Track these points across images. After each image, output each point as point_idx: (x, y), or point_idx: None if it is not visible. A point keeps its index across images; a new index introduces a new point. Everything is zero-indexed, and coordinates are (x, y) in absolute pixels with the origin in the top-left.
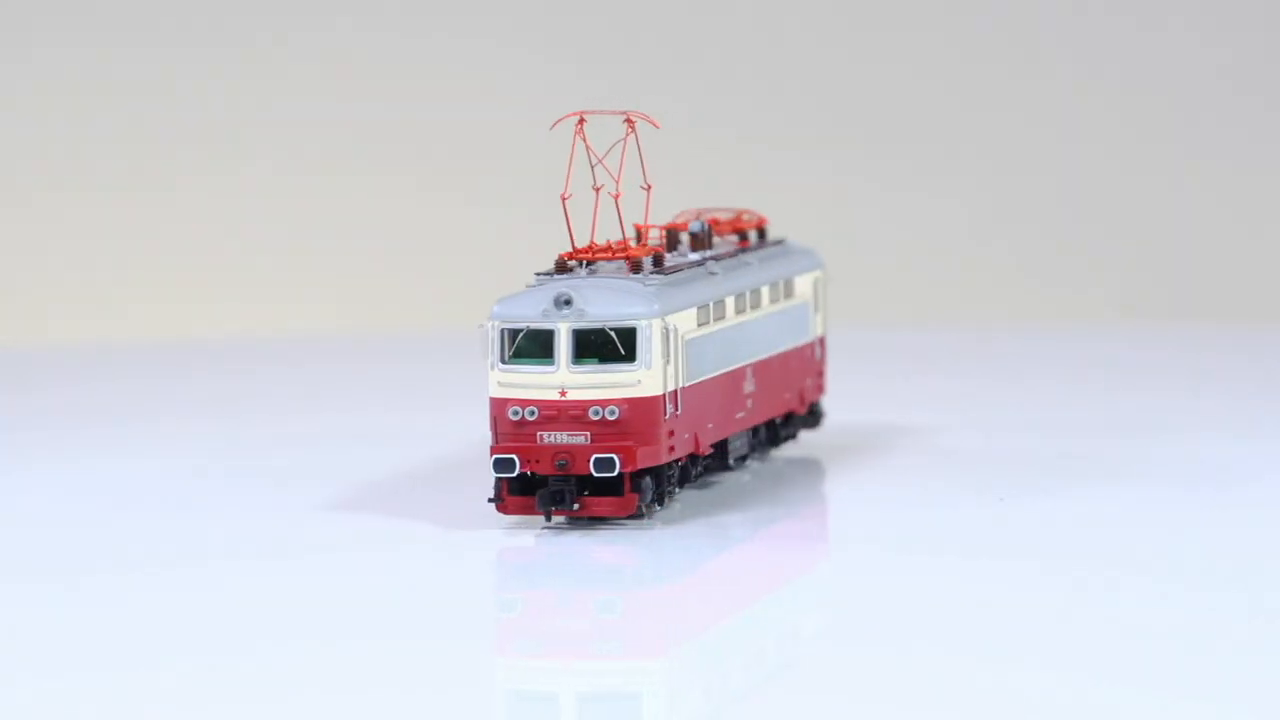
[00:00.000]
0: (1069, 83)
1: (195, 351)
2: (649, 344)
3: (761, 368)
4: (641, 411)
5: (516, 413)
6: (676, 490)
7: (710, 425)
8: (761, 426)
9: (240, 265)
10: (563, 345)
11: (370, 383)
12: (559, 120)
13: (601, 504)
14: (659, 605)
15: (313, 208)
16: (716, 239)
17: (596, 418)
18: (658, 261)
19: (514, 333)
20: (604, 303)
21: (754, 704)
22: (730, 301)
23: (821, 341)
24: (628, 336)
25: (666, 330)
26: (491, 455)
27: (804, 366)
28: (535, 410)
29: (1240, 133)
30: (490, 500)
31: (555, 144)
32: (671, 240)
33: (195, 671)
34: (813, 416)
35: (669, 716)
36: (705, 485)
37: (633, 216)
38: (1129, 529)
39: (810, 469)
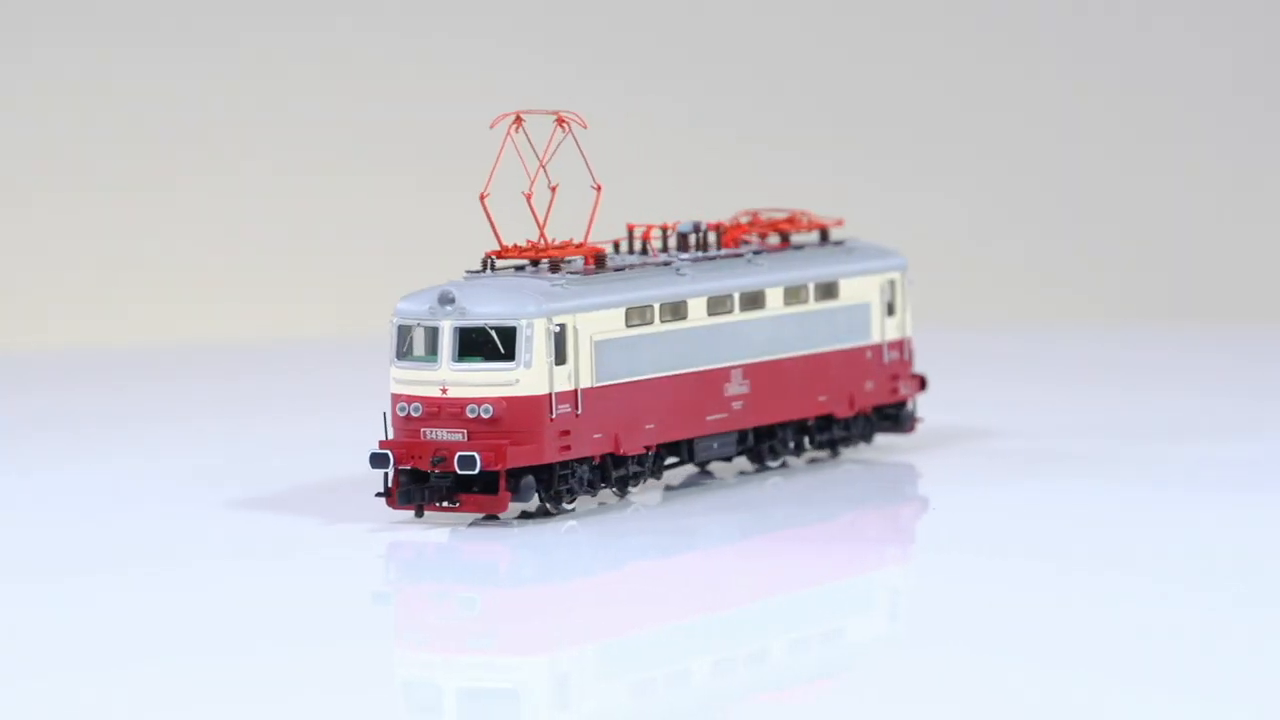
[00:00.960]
0: (1075, 83)
1: (193, 354)
2: (529, 343)
3: (762, 369)
4: (519, 411)
5: (404, 409)
6: (588, 491)
7: (650, 426)
8: (788, 427)
9: (240, 266)
10: (445, 343)
11: (359, 384)
12: (497, 120)
13: (476, 502)
14: (520, 605)
15: (311, 208)
16: (748, 239)
17: (473, 416)
18: (599, 261)
19: (407, 329)
20: (486, 301)
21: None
22: (695, 303)
23: (898, 344)
24: (507, 335)
25: (556, 330)
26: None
27: (855, 369)
28: (420, 407)
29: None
30: (378, 495)
31: (556, 144)
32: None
33: (64, 681)
34: (894, 420)
35: (537, 713)
36: (708, 487)
37: (629, 216)
38: (1128, 529)
39: (851, 475)
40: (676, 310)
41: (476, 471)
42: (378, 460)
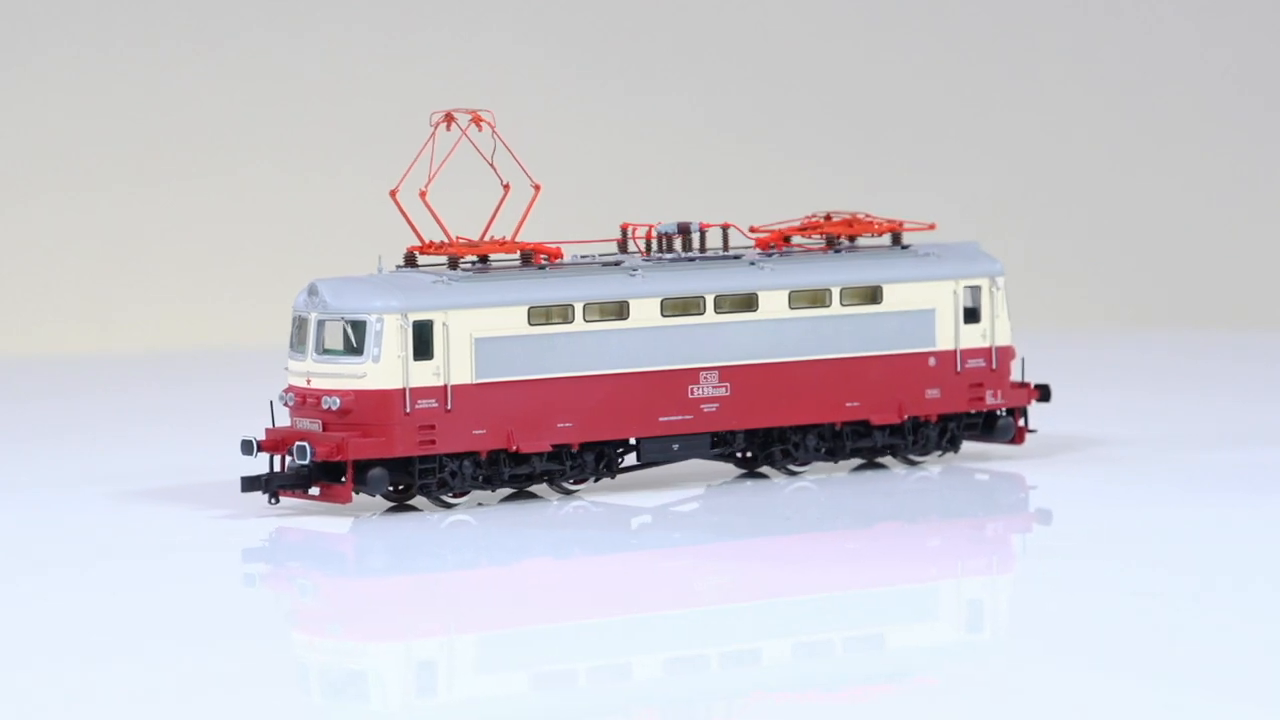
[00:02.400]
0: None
1: (191, 359)
2: (378, 338)
3: (748, 372)
4: (366, 404)
5: (283, 398)
6: (484, 486)
7: (566, 425)
8: (810, 432)
9: (230, 269)
10: (311, 335)
11: None
12: (440, 118)
13: (329, 492)
14: (367, 595)
15: (310, 208)
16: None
17: (325, 407)
18: (526, 259)
19: (295, 320)
20: (344, 295)
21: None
22: (642, 303)
23: (983, 352)
24: (358, 329)
25: (414, 326)
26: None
27: (908, 376)
28: (292, 397)
29: None
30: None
31: (557, 143)
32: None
33: None
34: (987, 430)
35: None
36: (719, 486)
37: (623, 215)
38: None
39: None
40: (617, 310)
41: (308, 461)
42: (244, 447)
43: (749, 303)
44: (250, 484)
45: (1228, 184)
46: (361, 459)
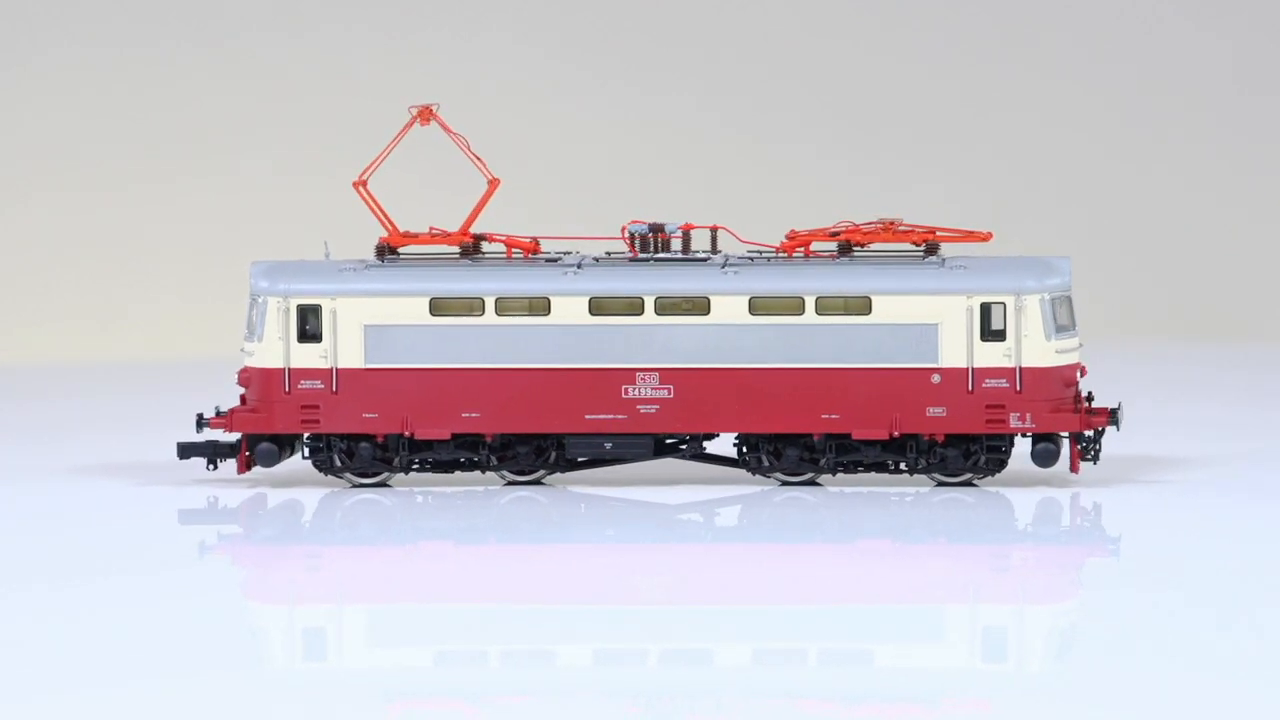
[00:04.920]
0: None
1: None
2: (262, 319)
3: (695, 375)
4: (255, 381)
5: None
6: (364, 465)
7: (472, 415)
8: (790, 442)
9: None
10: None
11: None
12: (419, 112)
13: (241, 461)
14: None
15: (307, 208)
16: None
17: (238, 384)
18: (465, 251)
19: None
20: (253, 278)
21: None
22: (566, 301)
23: (1005, 372)
24: (253, 310)
25: (298, 310)
26: None
27: (905, 392)
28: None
29: None
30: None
31: (557, 141)
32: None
33: None
34: (1034, 455)
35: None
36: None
37: (642, 214)
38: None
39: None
40: (538, 306)
41: (201, 431)
42: (197, 421)
43: (700, 306)
44: (184, 450)
45: (1234, 188)
46: (246, 433)
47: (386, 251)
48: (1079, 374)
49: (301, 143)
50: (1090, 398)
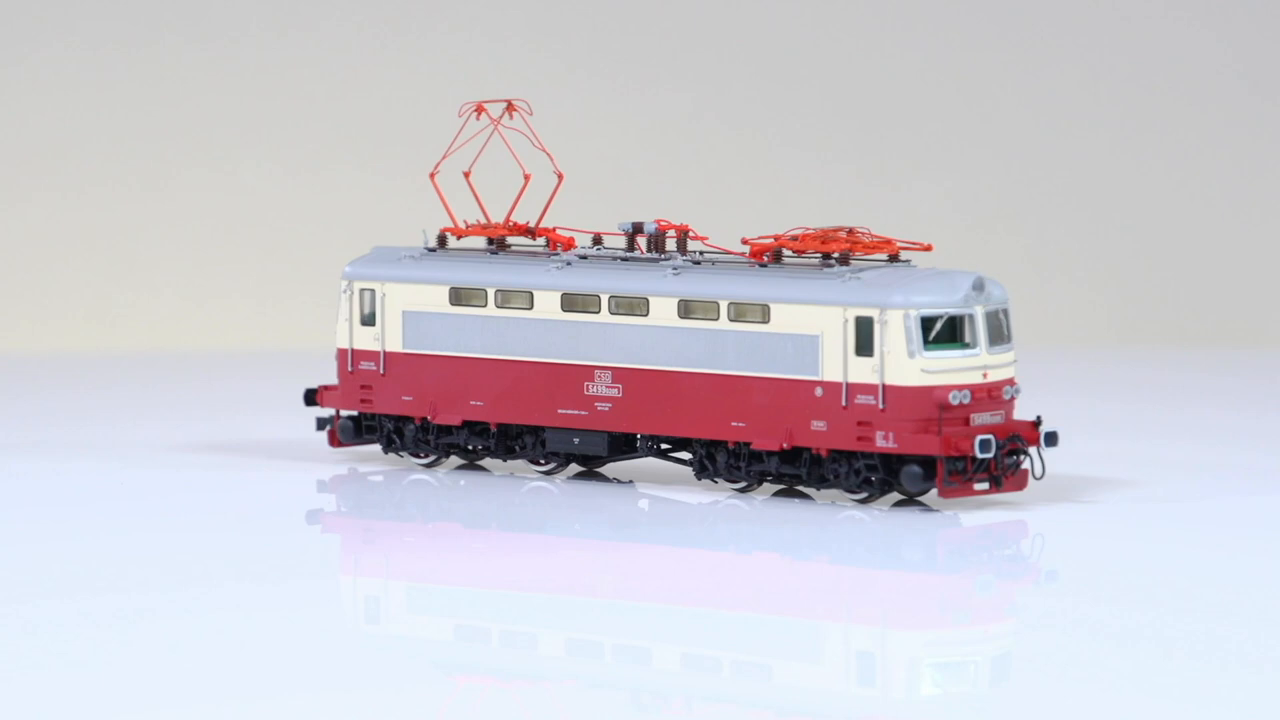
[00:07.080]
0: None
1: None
2: (342, 302)
3: (639, 376)
4: (338, 361)
5: None
6: (412, 446)
7: (478, 404)
8: (719, 446)
9: (235, 268)
10: None
11: None
12: (473, 109)
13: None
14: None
15: (307, 208)
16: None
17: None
18: (497, 245)
19: None
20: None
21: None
22: (544, 296)
23: (873, 389)
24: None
25: (360, 294)
26: None
27: (793, 404)
28: None
29: None
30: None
31: (562, 141)
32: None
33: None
34: (887, 478)
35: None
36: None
37: (662, 212)
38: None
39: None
40: (525, 300)
41: (310, 407)
42: (306, 396)
43: (641, 307)
44: (321, 424)
45: (1232, 192)
46: (328, 408)
47: (442, 242)
48: (1004, 390)
49: (302, 141)
50: (1038, 421)
